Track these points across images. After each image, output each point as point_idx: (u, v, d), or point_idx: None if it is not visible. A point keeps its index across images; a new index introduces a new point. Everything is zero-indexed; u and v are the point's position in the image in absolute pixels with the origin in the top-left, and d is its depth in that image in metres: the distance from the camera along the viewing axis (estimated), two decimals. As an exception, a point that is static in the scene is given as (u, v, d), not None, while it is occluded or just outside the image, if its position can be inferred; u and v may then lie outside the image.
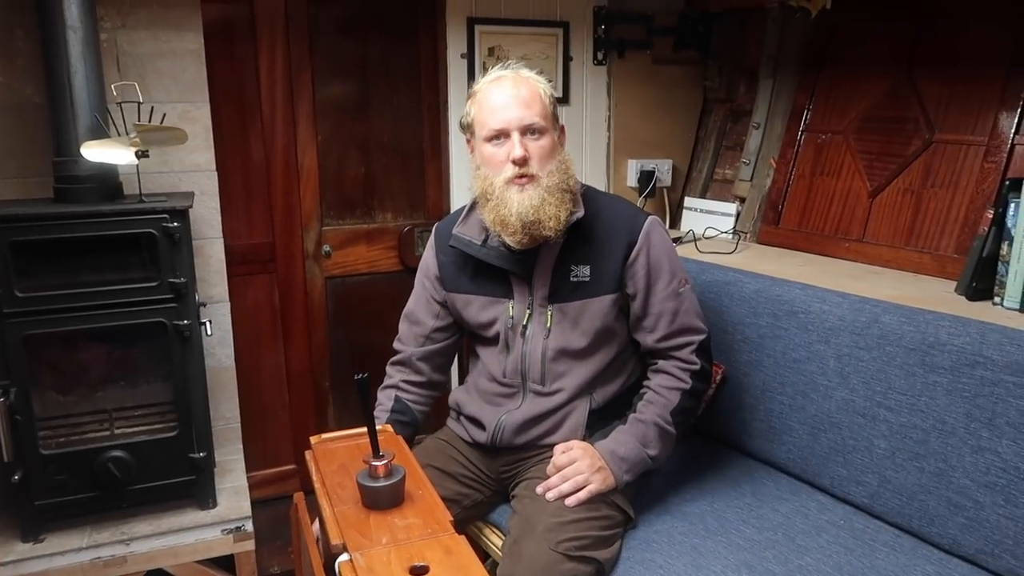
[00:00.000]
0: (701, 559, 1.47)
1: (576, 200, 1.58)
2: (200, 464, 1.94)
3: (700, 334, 1.63)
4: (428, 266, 1.75)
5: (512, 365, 1.64)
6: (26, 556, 1.80)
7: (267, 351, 2.57)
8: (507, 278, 1.62)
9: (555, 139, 1.55)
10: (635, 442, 1.54)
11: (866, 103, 2.26)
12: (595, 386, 1.63)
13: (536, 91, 1.53)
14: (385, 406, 1.74)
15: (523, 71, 1.57)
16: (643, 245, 1.58)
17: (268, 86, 2.42)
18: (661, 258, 1.59)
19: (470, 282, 1.66)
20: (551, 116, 1.55)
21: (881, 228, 2.16)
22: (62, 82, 1.78)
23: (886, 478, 1.57)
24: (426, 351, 1.75)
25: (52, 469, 1.82)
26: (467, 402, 1.72)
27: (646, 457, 1.55)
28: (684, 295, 1.61)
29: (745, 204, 2.61)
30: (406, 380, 1.76)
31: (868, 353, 1.62)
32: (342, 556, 1.20)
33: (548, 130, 1.53)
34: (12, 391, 1.74)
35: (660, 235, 1.62)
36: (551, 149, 1.53)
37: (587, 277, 1.58)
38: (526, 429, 1.62)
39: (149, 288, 1.83)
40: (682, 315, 1.60)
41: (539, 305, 1.60)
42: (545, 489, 1.51)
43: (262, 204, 2.49)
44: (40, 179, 1.95)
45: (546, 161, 1.51)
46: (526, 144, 1.50)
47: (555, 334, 1.60)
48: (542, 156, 1.51)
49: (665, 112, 2.82)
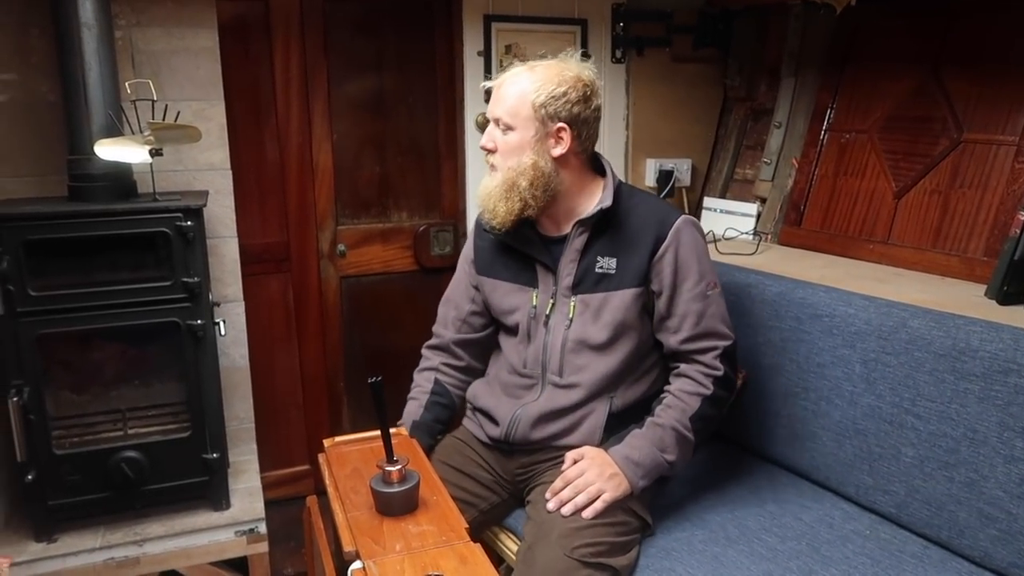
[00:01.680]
0: (722, 569, 1.43)
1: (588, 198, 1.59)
2: (213, 465, 1.93)
3: (725, 340, 1.60)
4: (467, 250, 1.78)
5: (533, 355, 1.63)
6: (39, 556, 1.79)
7: (281, 351, 2.55)
8: (534, 267, 1.63)
9: (531, 138, 1.52)
10: (651, 447, 1.51)
11: (891, 102, 2.21)
12: (614, 386, 1.60)
13: (517, 88, 1.52)
14: (424, 388, 1.75)
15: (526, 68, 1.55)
16: (672, 243, 1.55)
17: (283, 84, 2.41)
18: (690, 258, 1.57)
19: (501, 268, 1.67)
20: (531, 116, 1.50)
21: (907, 230, 2.11)
22: (76, 80, 1.77)
23: (914, 487, 1.53)
24: (463, 337, 1.77)
25: (65, 469, 1.81)
26: (484, 394, 1.71)
27: (663, 462, 1.52)
28: (712, 298, 1.58)
29: (766, 205, 2.57)
30: (445, 363, 1.77)
31: (895, 358, 1.58)
32: (355, 563, 1.18)
33: (518, 128, 1.52)
34: (25, 390, 1.73)
35: (691, 234, 1.59)
36: (516, 147, 1.53)
37: (612, 269, 1.57)
38: (542, 424, 1.59)
39: (163, 287, 1.81)
40: (708, 318, 1.57)
41: (563, 295, 1.60)
42: (558, 504, 1.47)
43: (277, 203, 2.47)
44: (54, 177, 1.94)
45: (507, 156, 1.54)
46: (494, 135, 1.56)
47: (576, 325, 1.58)
48: (505, 151, 1.54)
49: (684, 111, 2.78)
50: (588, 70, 1.55)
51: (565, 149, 1.53)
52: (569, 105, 1.50)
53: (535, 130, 1.51)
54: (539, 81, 1.51)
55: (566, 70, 1.53)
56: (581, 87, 1.52)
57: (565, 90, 1.50)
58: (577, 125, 1.53)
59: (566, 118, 1.51)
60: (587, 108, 1.53)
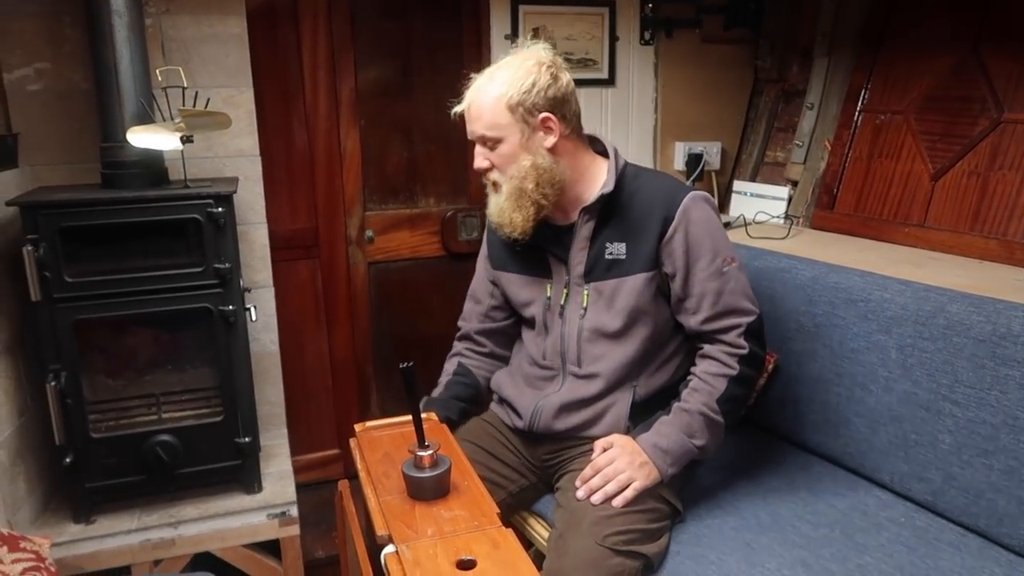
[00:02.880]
0: (755, 556, 1.42)
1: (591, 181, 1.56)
2: (246, 449, 1.95)
3: (748, 316, 1.54)
4: (483, 245, 1.78)
5: (551, 347, 1.61)
6: (78, 537, 1.83)
7: (310, 336, 2.57)
8: (547, 258, 1.61)
9: (519, 141, 1.48)
10: (679, 433, 1.49)
11: (928, 81, 2.15)
12: (636, 375, 1.58)
13: (487, 99, 1.47)
14: (447, 371, 1.78)
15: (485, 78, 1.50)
16: (680, 222, 1.50)
17: (311, 70, 2.41)
18: (701, 235, 1.52)
19: (514, 261, 1.66)
20: (511, 119, 1.46)
21: (944, 212, 2.07)
22: (108, 68, 1.79)
23: (951, 475, 1.50)
24: (486, 328, 1.78)
25: (102, 452, 1.84)
26: (507, 384, 1.71)
27: (692, 448, 1.50)
28: (729, 274, 1.53)
29: (798, 188, 2.53)
30: (470, 349, 1.79)
31: (933, 344, 1.55)
32: (388, 547, 1.18)
33: (504, 136, 1.48)
34: (63, 375, 1.76)
35: (702, 211, 1.53)
36: (509, 155, 1.49)
37: (623, 255, 1.53)
38: (564, 414, 1.59)
39: (195, 274, 1.83)
40: (727, 295, 1.52)
41: (575, 284, 1.58)
42: (588, 492, 1.46)
43: (305, 189, 2.48)
44: (88, 165, 1.96)
45: (505, 168, 1.50)
46: (485, 154, 1.52)
47: (591, 314, 1.57)
48: (500, 164, 1.51)
49: (714, 93, 2.74)
50: (543, 50, 1.51)
51: (557, 136, 1.49)
52: (542, 92, 1.46)
53: (520, 131, 1.47)
54: (504, 83, 1.46)
55: (523, 61, 1.48)
56: (544, 70, 1.47)
57: (532, 79, 1.45)
58: (558, 107, 1.48)
59: (544, 105, 1.47)
60: (559, 86, 1.48)
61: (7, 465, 1.74)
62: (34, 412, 1.90)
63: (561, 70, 1.50)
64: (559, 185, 1.51)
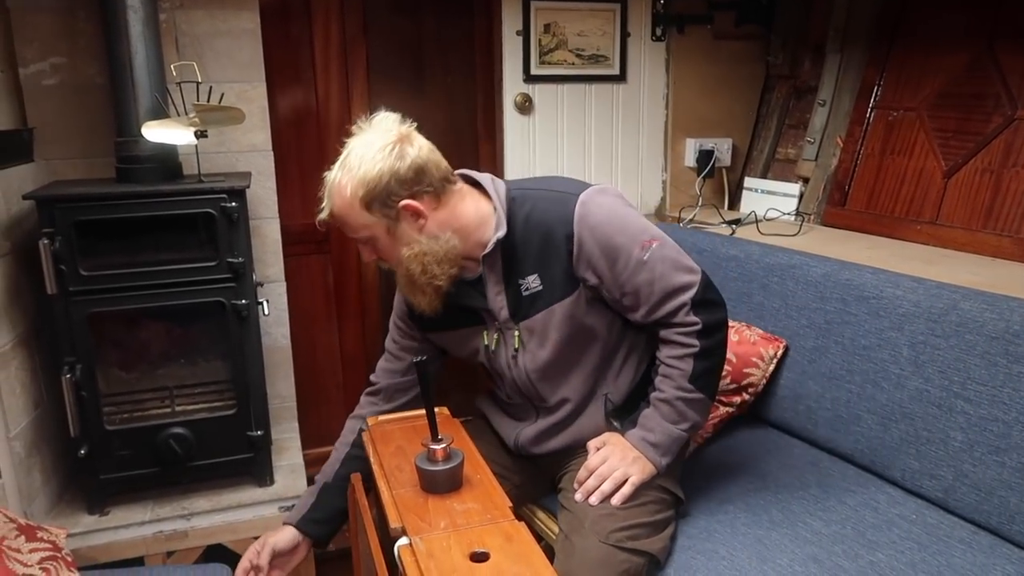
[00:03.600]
0: (766, 551, 1.42)
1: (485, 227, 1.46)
2: (258, 442, 1.96)
3: (688, 290, 1.43)
4: (399, 307, 1.66)
5: (510, 388, 1.59)
6: (92, 528, 1.85)
7: (321, 331, 2.58)
8: (472, 308, 1.53)
9: (388, 235, 1.41)
10: (663, 423, 1.47)
11: (942, 78, 2.15)
12: (602, 384, 1.55)
13: (341, 203, 1.39)
14: (347, 440, 1.68)
15: (335, 179, 1.41)
16: (582, 233, 1.41)
17: (323, 65, 2.42)
18: (608, 235, 1.41)
19: (444, 319, 1.53)
20: (372, 218, 1.39)
21: (956, 210, 2.06)
22: (123, 62, 1.80)
23: (963, 472, 1.50)
24: (404, 381, 1.68)
25: (116, 444, 1.86)
26: (489, 411, 1.71)
27: (680, 433, 1.47)
28: (652, 259, 1.41)
29: (809, 185, 2.52)
30: (379, 412, 1.66)
31: (945, 341, 1.55)
32: (401, 540, 1.19)
33: (373, 234, 1.41)
34: (78, 367, 1.77)
35: (597, 211, 1.42)
36: (386, 248, 1.43)
37: (539, 286, 1.46)
38: (544, 441, 1.59)
39: (208, 268, 1.84)
40: (659, 281, 1.42)
41: (506, 328, 1.51)
42: (585, 495, 1.45)
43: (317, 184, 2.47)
44: (102, 159, 1.98)
45: (389, 257, 1.45)
46: (367, 251, 1.47)
47: (529, 354, 1.51)
48: (385, 255, 1.45)
49: (725, 89, 2.74)
50: (389, 120, 1.42)
51: (426, 218, 1.40)
52: (392, 178, 1.36)
53: (386, 225, 1.40)
54: (350, 182, 1.37)
55: (367, 146, 1.38)
56: (390, 152, 1.37)
57: (378, 169, 1.36)
58: (416, 184, 1.38)
59: (400, 191, 1.37)
60: (408, 163, 1.37)
61: (23, 456, 1.76)
62: (49, 404, 1.91)
63: (408, 142, 1.39)
64: (450, 257, 1.43)
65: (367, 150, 1.38)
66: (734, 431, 1.92)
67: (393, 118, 1.44)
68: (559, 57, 2.53)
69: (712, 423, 1.87)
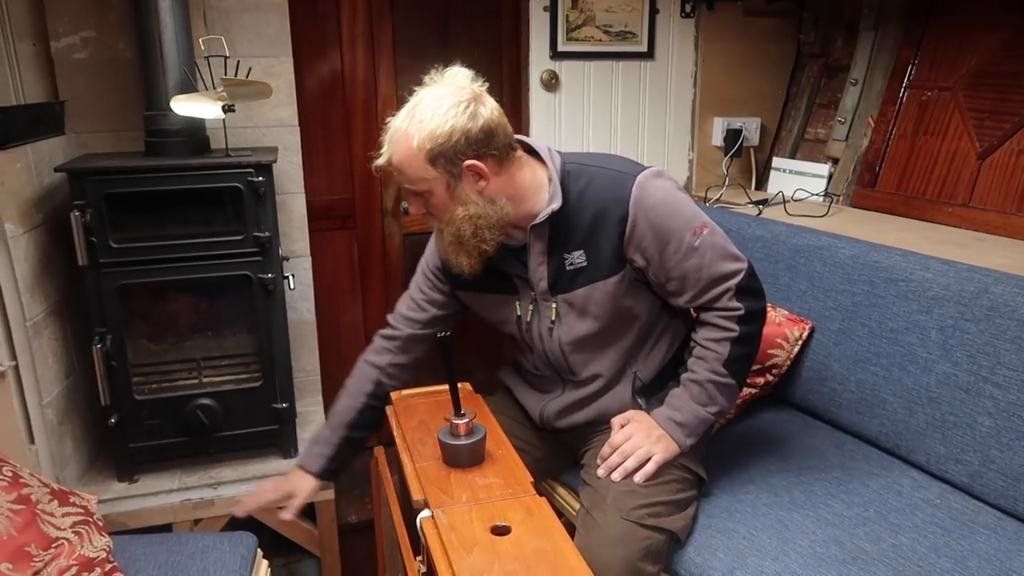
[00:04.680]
0: (787, 532, 1.42)
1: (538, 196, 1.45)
2: (283, 414, 1.99)
3: (734, 277, 1.44)
4: (432, 257, 1.63)
5: (540, 360, 1.59)
6: (122, 495, 1.89)
7: (346, 306, 2.60)
8: (509, 275, 1.53)
9: (447, 192, 1.38)
10: (691, 404, 1.47)
11: (979, 57, 2.10)
12: (633, 365, 1.55)
13: (405, 154, 1.36)
14: (364, 388, 1.64)
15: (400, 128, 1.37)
16: (636, 215, 1.40)
17: (349, 40, 2.41)
18: (663, 218, 1.41)
19: (479, 281, 1.52)
20: (434, 172, 1.36)
21: (990, 192, 2.02)
22: (152, 36, 1.81)
23: (989, 457, 1.49)
24: (420, 334, 1.65)
25: (145, 414, 1.90)
26: (515, 383, 1.71)
27: (707, 415, 1.47)
28: (703, 246, 1.42)
29: (838, 165, 2.48)
30: (393, 364, 1.65)
31: (975, 325, 1.52)
32: (424, 512, 1.21)
33: (431, 189, 1.38)
34: (108, 338, 1.80)
35: (654, 194, 1.41)
36: (442, 205, 1.40)
37: (584, 262, 1.45)
38: (569, 414, 1.59)
39: (235, 241, 1.86)
40: (707, 267, 1.43)
41: (542, 300, 1.51)
42: (607, 471, 1.45)
43: (342, 160, 2.50)
44: (132, 133, 2.00)
45: (439, 215, 1.42)
46: (417, 203, 1.44)
47: (565, 326, 1.51)
48: (436, 212, 1.43)
49: (755, 68, 2.70)
50: (461, 77, 1.39)
51: (488, 180, 1.38)
52: (462, 137, 1.33)
53: (446, 183, 1.37)
54: (418, 133, 1.34)
55: (439, 100, 1.34)
56: (463, 111, 1.34)
57: (449, 126, 1.32)
58: (483, 147, 1.36)
59: (467, 151, 1.35)
60: (480, 124, 1.34)
61: (55, 424, 1.80)
62: (80, 374, 1.95)
63: (482, 102, 1.37)
64: (500, 225, 1.41)
65: (440, 103, 1.35)
66: (757, 412, 1.91)
67: (466, 74, 1.40)
68: (586, 33, 2.50)
69: (736, 404, 1.86)
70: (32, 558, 1.23)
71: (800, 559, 1.35)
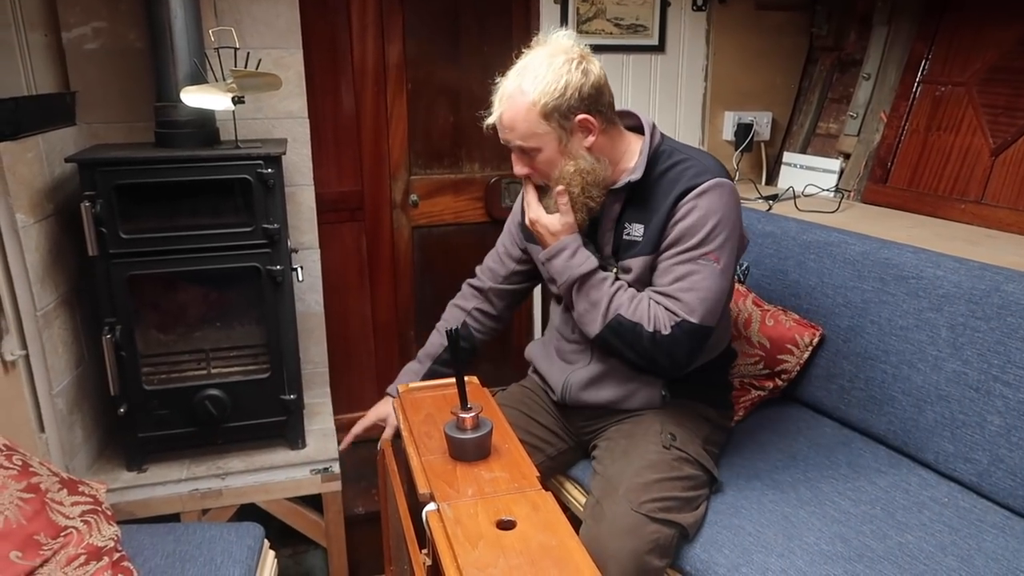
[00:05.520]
0: (793, 529, 1.42)
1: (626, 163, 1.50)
2: (291, 406, 1.99)
3: (691, 316, 1.41)
4: (516, 212, 1.74)
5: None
6: (131, 484, 1.90)
7: (354, 298, 2.61)
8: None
9: (558, 147, 1.43)
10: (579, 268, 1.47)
11: (994, 52, 2.08)
12: None
13: (520, 109, 1.40)
14: (452, 326, 1.77)
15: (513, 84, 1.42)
16: (692, 204, 1.42)
17: (359, 32, 2.41)
18: (704, 220, 1.41)
19: None
20: (547, 127, 1.40)
21: (1003, 189, 2.00)
22: (163, 28, 1.81)
23: (998, 456, 1.48)
24: (502, 288, 1.77)
25: (154, 404, 1.90)
26: (540, 357, 1.73)
27: (570, 274, 1.48)
28: (703, 268, 1.41)
29: (850, 160, 2.47)
30: (478, 308, 1.79)
31: (986, 323, 1.51)
32: (430, 505, 1.21)
33: (542, 145, 1.42)
34: (117, 328, 1.81)
35: (719, 198, 1.42)
36: (552, 161, 1.44)
37: (639, 236, 1.49)
38: (593, 388, 1.59)
39: (244, 233, 1.86)
40: (686, 290, 1.41)
41: (605, 264, 1.54)
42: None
43: (351, 152, 2.50)
44: (142, 123, 2.00)
45: (549, 173, 1.46)
46: (524, 162, 1.48)
47: None
48: (543, 170, 1.47)
49: (766, 61, 2.68)
50: (567, 38, 1.43)
51: (596, 135, 1.43)
52: (576, 92, 1.39)
53: (559, 137, 1.42)
54: (534, 89, 1.39)
55: (551, 59, 1.40)
56: (575, 67, 1.39)
57: (564, 81, 1.38)
58: (594, 104, 1.42)
59: (580, 107, 1.40)
60: (591, 81, 1.40)
61: (65, 413, 1.81)
62: (90, 363, 1.96)
63: (591, 61, 1.43)
64: (603, 182, 1.47)
65: (552, 60, 1.40)
66: (765, 408, 1.90)
67: (571, 35, 1.45)
68: (597, 26, 2.49)
69: (744, 406, 1.86)
70: (41, 546, 1.25)
71: (806, 556, 1.34)
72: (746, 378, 1.89)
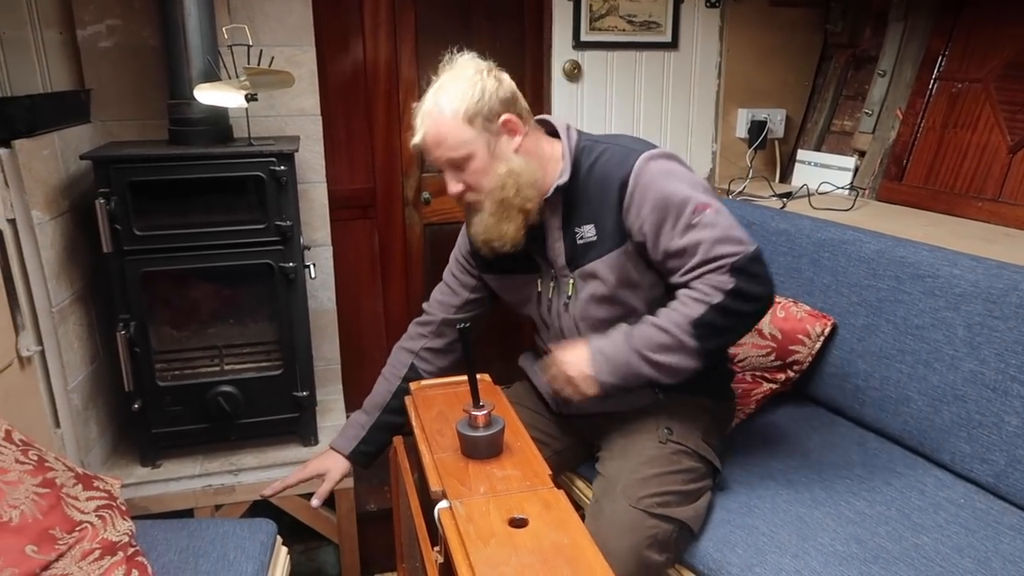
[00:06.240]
0: (807, 529, 1.41)
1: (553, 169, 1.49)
2: (303, 403, 2.00)
3: (732, 257, 1.36)
4: (463, 243, 1.71)
5: (556, 339, 1.58)
6: (145, 480, 1.91)
7: (366, 295, 2.61)
8: (529, 254, 1.55)
9: (488, 152, 1.43)
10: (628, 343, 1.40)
11: (1012, 48, 2.05)
12: None
13: (443, 121, 1.41)
14: (398, 372, 1.74)
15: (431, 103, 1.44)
16: (636, 186, 1.40)
17: (372, 29, 2.41)
18: (662, 192, 1.39)
19: (498, 261, 1.56)
20: (473, 132, 1.41)
21: (1021, 187, 1.98)
22: (176, 25, 1.81)
23: (1016, 457, 1.46)
24: (453, 318, 1.72)
25: (168, 400, 1.91)
26: (530, 369, 1.73)
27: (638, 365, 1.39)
28: (704, 222, 1.37)
29: (865, 158, 2.45)
30: (426, 348, 1.74)
31: (1004, 323, 1.50)
32: (442, 503, 1.21)
33: (472, 152, 1.42)
34: (132, 324, 1.82)
35: (657, 167, 1.41)
36: (484, 168, 1.43)
37: (593, 236, 1.47)
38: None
39: (257, 230, 1.86)
40: (705, 246, 1.37)
41: (561, 276, 1.53)
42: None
43: (364, 149, 2.50)
44: (156, 121, 2.01)
45: (481, 183, 1.44)
46: (457, 177, 1.46)
47: (580, 302, 1.51)
48: (477, 180, 1.44)
49: (781, 58, 2.66)
50: (472, 59, 1.47)
51: (521, 135, 1.45)
52: (493, 96, 1.41)
53: (486, 141, 1.42)
54: (454, 99, 1.41)
55: (462, 71, 1.44)
56: (487, 75, 1.43)
57: (479, 87, 1.41)
58: (512, 107, 1.44)
59: (500, 109, 1.42)
60: (505, 87, 1.44)
61: (80, 408, 1.82)
62: (104, 359, 1.98)
63: (500, 71, 1.47)
64: (536, 184, 1.45)
65: (463, 72, 1.44)
66: (779, 407, 1.89)
67: (475, 55, 1.49)
68: (610, 23, 2.48)
69: (756, 399, 1.85)
70: (56, 541, 1.25)
71: (820, 557, 1.34)
72: (757, 371, 1.88)
